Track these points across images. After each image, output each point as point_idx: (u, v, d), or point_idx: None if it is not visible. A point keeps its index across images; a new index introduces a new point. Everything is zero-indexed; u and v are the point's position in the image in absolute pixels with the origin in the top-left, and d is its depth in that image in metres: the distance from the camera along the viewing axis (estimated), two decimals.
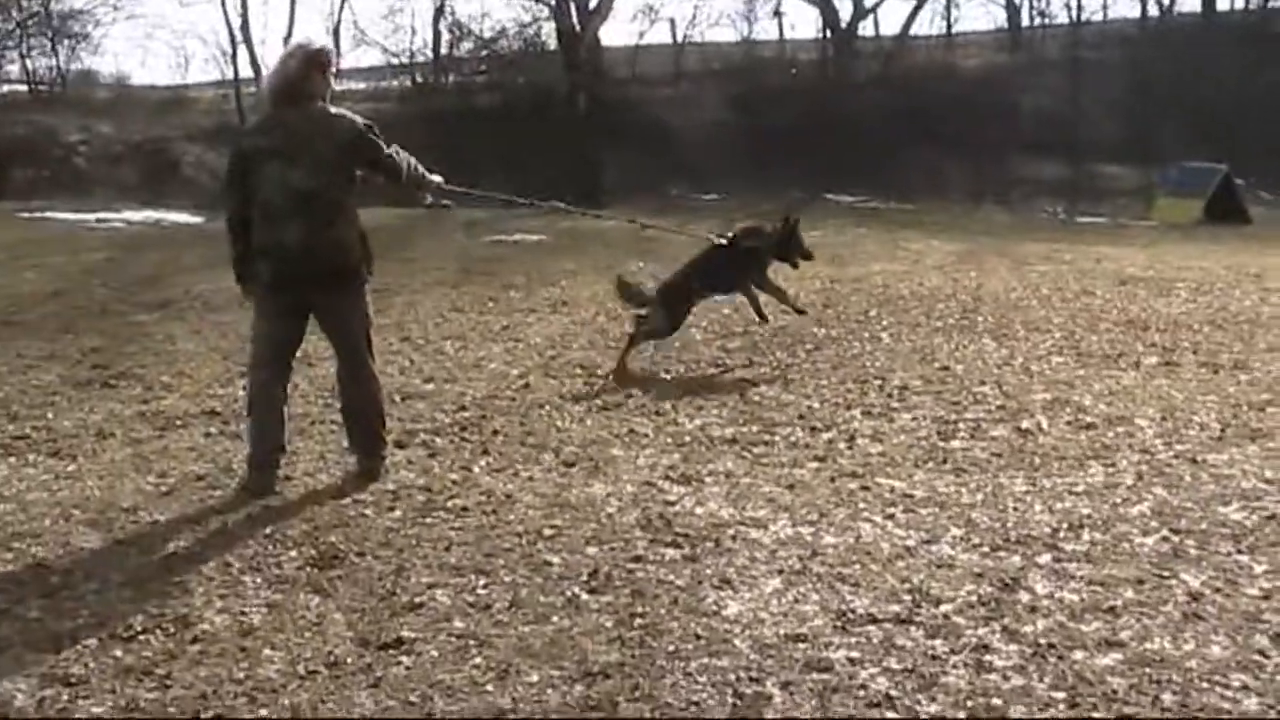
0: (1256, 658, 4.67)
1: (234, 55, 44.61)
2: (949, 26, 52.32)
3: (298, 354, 7.31)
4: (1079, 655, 4.72)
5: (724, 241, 10.26)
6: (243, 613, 5.26)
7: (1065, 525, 6.14)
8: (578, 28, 38.75)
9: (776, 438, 7.88)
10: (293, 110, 6.80)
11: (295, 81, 6.82)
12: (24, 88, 42.48)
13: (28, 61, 42.77)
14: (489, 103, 40.30)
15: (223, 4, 44.56)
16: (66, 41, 43.67)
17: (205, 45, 74.92)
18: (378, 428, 7.18)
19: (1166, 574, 5.50)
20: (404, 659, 4.81)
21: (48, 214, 24.71)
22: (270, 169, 6.72)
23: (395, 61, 44.44)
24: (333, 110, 6.91)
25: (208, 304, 13.35)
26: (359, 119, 6.94)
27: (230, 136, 24.61)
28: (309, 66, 6.85)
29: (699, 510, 6.45)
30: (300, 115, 6.78)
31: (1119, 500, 6.53)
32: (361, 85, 43.73)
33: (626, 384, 9.34)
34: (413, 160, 7.16)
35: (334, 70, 7.03)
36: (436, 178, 7.43)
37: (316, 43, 7.13)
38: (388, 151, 6.94)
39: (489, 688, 4.56)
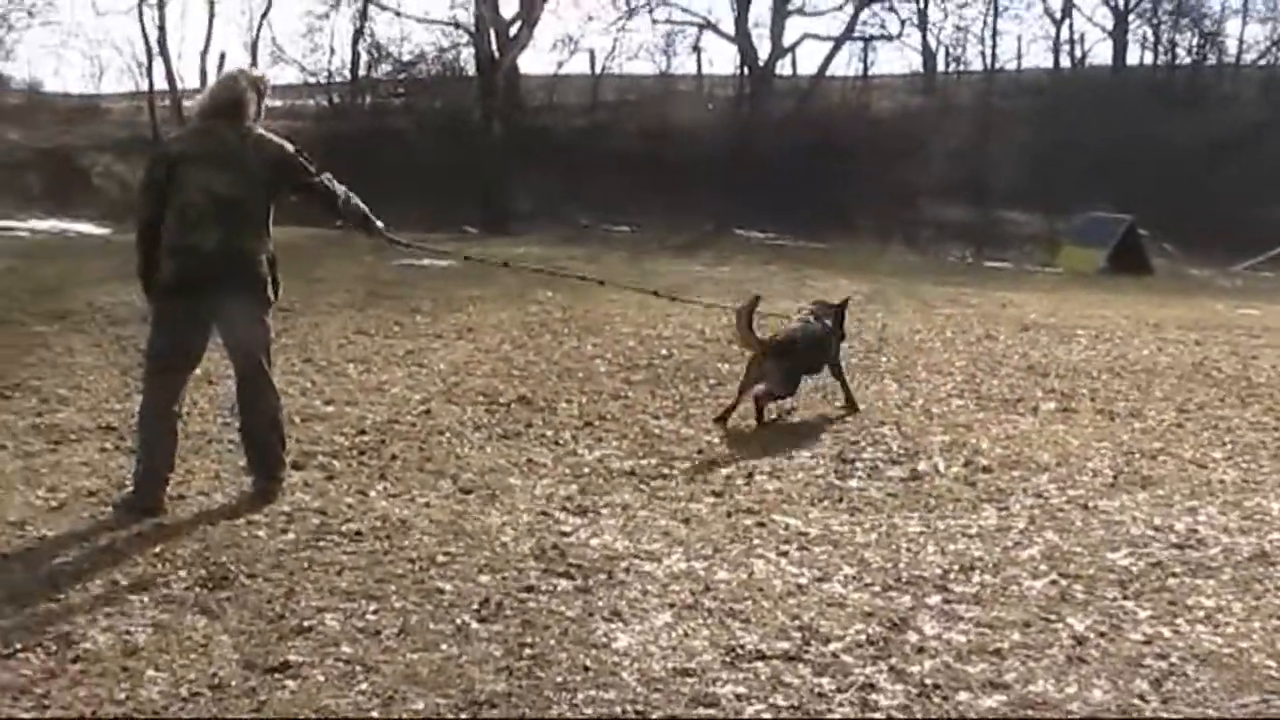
0: (1136, 702, 4.74)
1: (149, 67, 44.10)
2: (865, 69, 52.83)
3: (197, 371, 7.24)
4: (963, 696, 4.76)
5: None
6: (127, 632, 5.18)
7: (956, 567, 6.19)
8: (496, 54, 38.73)
9: (675, 471, 7.91)
10: (224, 125, 6.82)
11: (233, 99, 6.91)
12: None
13: None
14: (404, 125, 40.20)
15: (140, 15, 44.02)
16: None
17: (120, 56, 73.91)
18: (277, 448, 7.11)
19: (1053, 618, 5.57)
20: (289, 683, 4.76)
21: None
22: (195, 173, 6.72)
23: (312, 80, 44.20)
24: (261, 131, 6.96)
25: (110, 317, 13.17)
26: (289, 143, 7.00)
27: (143, 147, 24.21)
28: (249, 88, 6.96)
29: (594, 541, 6.45)
30: (232, 130, 6.82)
31: (1010, 544, 6.61)
32: (277, 103, 43.35)
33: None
34: (355, 199, 7.21)
35: (265, 95, 7.10)
36: (380, 224, 7.42)
37: (259, 69, 7.20)
38: (319, 177, 6.96)
39: (374, 714, 4.53)
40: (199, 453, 7.87)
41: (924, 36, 52.99)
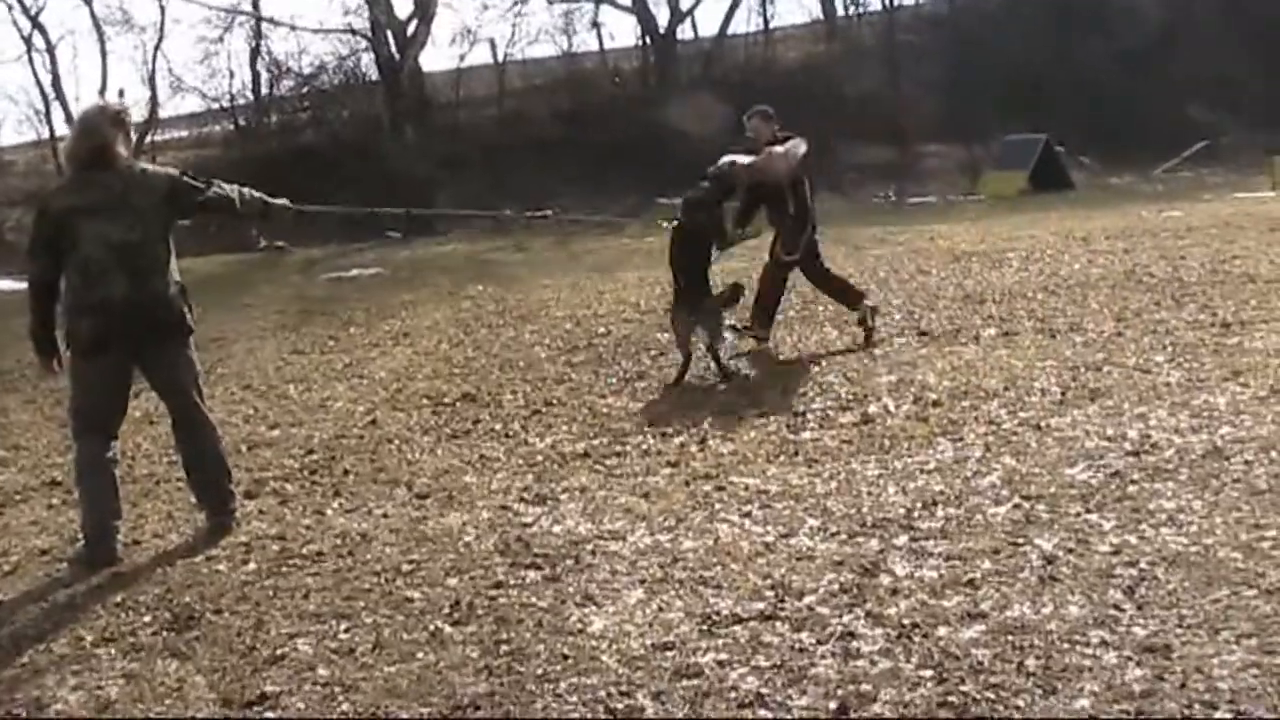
0: (1112, 612, 4.76)
1: (48, 113, 43.67)
2: (766, 22, 52.86)
3: (137, 414, 7.13)
4: (943, 631, 4.77)
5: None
6: (99, 687, 5.09)
7: (919, 504, 6.21)
8: (397, 56, 38.52)
9: (628, 447, 7.88)
10: (99, 171, 6.63)
11: (97, 143, 6.65)
12: None
13: None
14: (314, 139, 39.92)
15: (30, 62, 43.61)
16: None
17: (16, 105, 72.75)
18: (223, 480, 7.00)
19: (1021, 541, 5.59)
20: (269, 714, 4.70)
21: None
22: (88, 226, 6.51)
23: (215, 106, 43.77)
24: (141, 165, 6.82)
25: (41, 372, 12.95)
26: (170, 169, 6.88)
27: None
28: (108, 126, 6.70)
29: (556, 529, 6.41)
30: (109, 174, 6.61)
31: (969, 473, 6.63)
32: (184, 133, 43.05)
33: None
34: (246, 191, 7.05)
35: (131, 127, 6.93)
36: (281, 200, 7.31)
37: (113, 103, 7.01)
38: (210, 192, 6.80)
39: None
40: (149, 495, 7.77)
41: None
